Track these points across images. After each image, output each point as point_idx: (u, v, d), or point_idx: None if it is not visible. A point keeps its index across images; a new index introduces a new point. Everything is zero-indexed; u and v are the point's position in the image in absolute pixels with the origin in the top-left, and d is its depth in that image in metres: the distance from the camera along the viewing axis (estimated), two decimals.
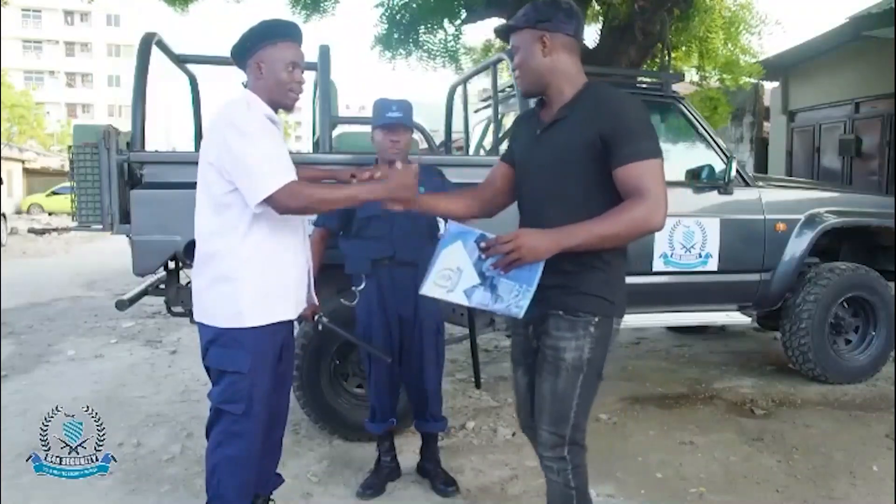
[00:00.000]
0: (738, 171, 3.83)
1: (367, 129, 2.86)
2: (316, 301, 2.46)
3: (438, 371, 2.80)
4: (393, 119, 2.63)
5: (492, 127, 3.83)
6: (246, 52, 2.08)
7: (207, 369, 2.14)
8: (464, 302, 1.79)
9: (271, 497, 2.42)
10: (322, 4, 7.43)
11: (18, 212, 24.08)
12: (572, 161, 1.76)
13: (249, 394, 2.06)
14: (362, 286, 2.70)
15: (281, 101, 2.12)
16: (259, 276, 2.04)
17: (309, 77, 3.52)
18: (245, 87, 2.14)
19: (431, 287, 1.79)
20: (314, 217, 2.75)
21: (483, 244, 1.70)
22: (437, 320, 2.77)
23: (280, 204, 1.95)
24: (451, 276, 1.78)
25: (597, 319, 1.77)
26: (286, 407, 2.39)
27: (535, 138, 1.86)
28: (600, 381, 1.86)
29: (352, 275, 2.74)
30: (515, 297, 1.72)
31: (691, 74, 8.84)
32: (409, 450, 3.03)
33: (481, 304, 1.78)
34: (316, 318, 2.56)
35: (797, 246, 3.97)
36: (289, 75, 2.08)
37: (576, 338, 1.78)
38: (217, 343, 2.05)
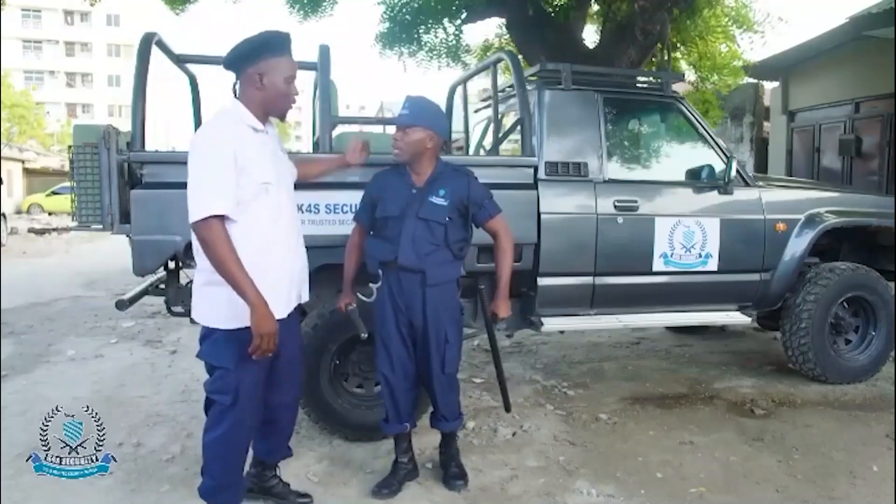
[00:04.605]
0: (738, 171, 3.82)
1: (367, 129, 2.86)
2: (350, 296, 2.77)
3: (446, 378, 2.74)
4: (396, 117, 2.65)
5: (492, 127, 3.83)
6: (246, 60, 2.15)
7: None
8: None
9: (277, 465, 2.63)
10: (321, 4, 7.44)
11: (18, 212, 24.06)
12: None
13: (236, 388, 2.21)
14: (379, 284, 2.72)
15: (278, 111, 2.24)
16: None
17: (309, 77, 3.57)
18: (235, 94, 2.21)
19: None
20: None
21: None
22: (446, 329, 2.68)
23: (197, 233, 2.05)
24: None
25: None
26: (292, 396, 2.53)
27: None
28: None
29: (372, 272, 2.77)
30: None
31: (689, 75, 8.85)
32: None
33: None
34: (347, 308, 2.77)
35: (797, 246, 3.97)
36: (288, 88, 2.19)
37: None
38: (208, 339, 2.20)
